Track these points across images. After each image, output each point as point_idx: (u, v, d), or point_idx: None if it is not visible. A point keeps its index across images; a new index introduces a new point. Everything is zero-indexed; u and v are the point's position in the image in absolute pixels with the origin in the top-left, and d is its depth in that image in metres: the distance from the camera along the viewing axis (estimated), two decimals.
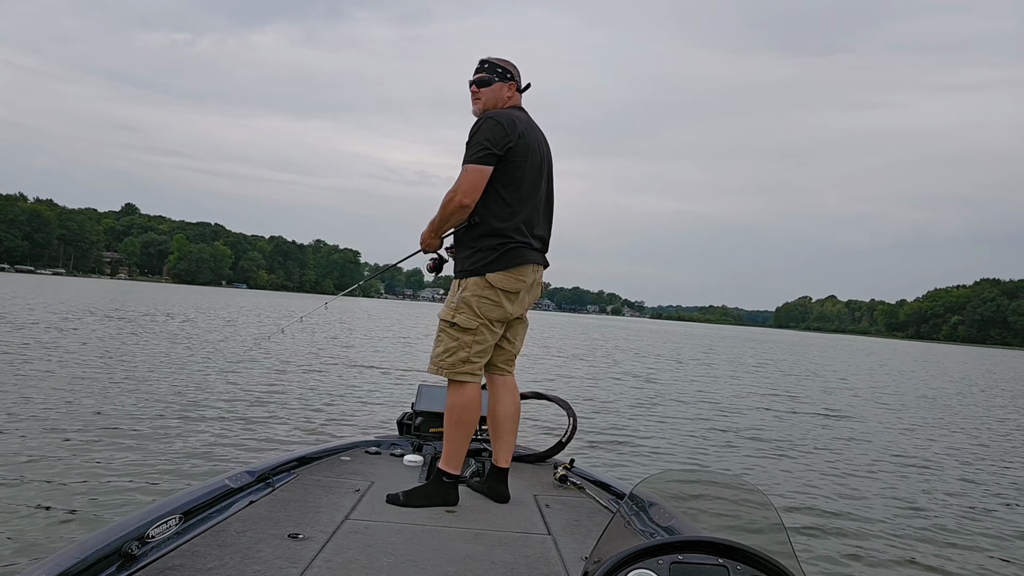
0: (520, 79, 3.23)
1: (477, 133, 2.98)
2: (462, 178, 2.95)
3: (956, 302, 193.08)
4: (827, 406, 13.28)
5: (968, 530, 5.43)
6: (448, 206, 2.98)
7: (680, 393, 13.46)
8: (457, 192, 2.95)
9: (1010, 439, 10.76)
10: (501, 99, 3.16)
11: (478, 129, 2.99)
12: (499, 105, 3.15)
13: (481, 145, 2.94)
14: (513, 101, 3.18)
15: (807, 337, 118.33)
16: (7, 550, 3.53)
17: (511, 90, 3.17)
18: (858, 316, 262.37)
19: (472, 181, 2.94)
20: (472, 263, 3.04)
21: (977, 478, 7.50)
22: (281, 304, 57.75)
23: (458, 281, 3.09)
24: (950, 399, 17.25)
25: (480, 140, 2.95)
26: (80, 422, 6.49)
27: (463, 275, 3.07)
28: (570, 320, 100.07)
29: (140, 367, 10.69)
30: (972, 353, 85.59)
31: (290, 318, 28.11)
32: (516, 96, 3.20)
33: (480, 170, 2.94)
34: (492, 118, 3.00)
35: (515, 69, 3.21)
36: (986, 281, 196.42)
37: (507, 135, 2.97)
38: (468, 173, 2.95)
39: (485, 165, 2.95)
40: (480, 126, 2.99)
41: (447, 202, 2.97)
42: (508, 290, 3.04)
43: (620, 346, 30.95)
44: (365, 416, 8.15)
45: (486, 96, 3.15)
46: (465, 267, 3.07)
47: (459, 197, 2.95)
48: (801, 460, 7.66)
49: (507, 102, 3.16)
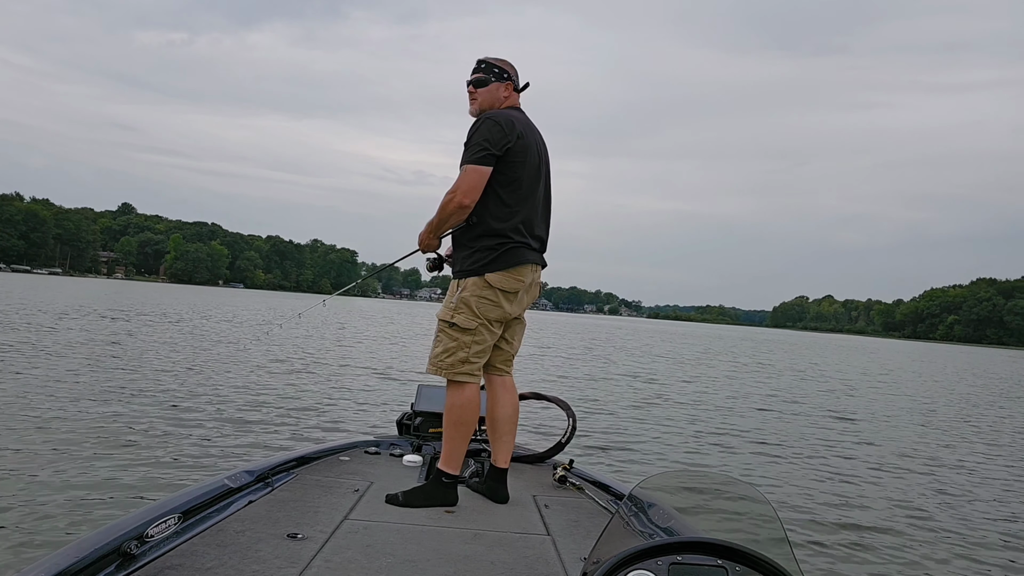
0: (517, 79, 3.21)
1: (476, 134, 2.98)
2: (461, 179, 2.95)
3: (952, 302, 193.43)
4: (827, 407, 13.31)
5: (968, 530, 5.44)
6: (447, 207, 2.98)
7: (680, 394, 13.47)
8: (456, 193, 2.95)
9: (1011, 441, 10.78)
10: (498, 99, 3.15)
11: (476, 130, 2.98)
12: (496, 105, 3.14)
13: (480, 146, 2.94)
14: (510, 101, 3.17)
15: (804, 337, 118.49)
16: (7, 550, 3.53)
17: (508, 90, 3.16)
18: (855, 316, 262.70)
19: (471, 182, 2.94)
20: (471, 263, 3.03)
21: (976, 479, 7.53)
22: (278, 303, 57.68)
23: (457, 281, 3.09)
24: (953, 399, 17.30)
25: (479, 141, 2.95)
26: (79, 421, 6.49)
27: (462, 275, 3.07)
28: (568, 320, 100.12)
29: (139, 366, 10.68)
30: (969, 352, 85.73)
31: (286, 317, 28.12)
32: (513, 96, 3.19)
33: (479, 171, 2.94)
34: (490, 119, 2.99)
35: (512, 69, 3.20)
36: (982, 281, 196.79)
37: (505, 136, 2.97)
38: (467, 174, 2.94)
39: (484, 166, 2.95)
40: (479, 127, 2.99)
41: (446, 203, 2.97)
42: (507, 290, 3.04)
43: (620, 346, 30.96)
44: (364, 416, 8.16)
45: (482, 96, 3.15)
46: (464, 267, 3.06)
47: (458, 198, 2.95)
48: (800, 461, 7.69)
49: (504, 102, 3.15)
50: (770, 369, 23.56)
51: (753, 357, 30.90)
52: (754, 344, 50.92)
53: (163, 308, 31.26)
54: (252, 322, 25.99)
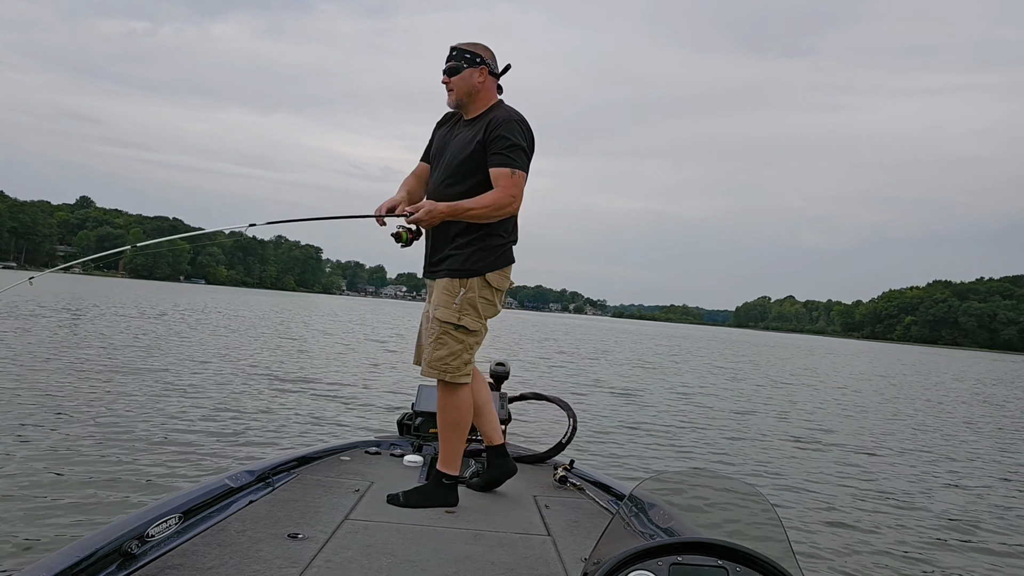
0: (494, 63, 3.09)
1: (516, 137, 2.94)
2: (518, 185, 2.93)
3: (910, 303, 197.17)
4: (827, 408, 13.50)
5: (967, 530, 5.54)
6: (504, 209, 2.93)
7: (679, 395, 13.58)
8: (517, 199, 2.94)
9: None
10: (472, 86, 3.03)
11: (515, 132, 2.95)
12: (473, 93, 3.03)
13: (524, 151, 2.95)
14: (486, 86, 3.06)
15: (768, 337, 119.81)
16: (7, 549, 3.50)
17: (483, 75, 3.03)
18: (815, 316, 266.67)
19: (523, 189, 2.94)
20: (475, 262, 2.96)
21: (977, 477, 7.69)
22: (240, 300, 56.81)
23: (456, 280, 2.97)
24: (931, 399, 17.66)
25: (523, 145, 2.95)
26: (78, 421, 6.40)
27: (463, 274, 2.96)
28: (536, 319, 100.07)
29: (138, 366, 10.52)
30: (927, 353, 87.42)
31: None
32: (489, 80, 3.06)
33: (526, 178, 2.97)
34: (521, 122, 3.00)
35: (486, 52, 3.07)
36: (938, 283, 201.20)
37: (532, 142, 3.01)
38: (521, 181, 2.94)
39: (527, 172, 2.97)
40: (513, 129, 2.95)
41: (503, 205, 2.92)
42: (502, 289, 3.06)
43: (604, 348, 30.69)
44: (365, 416, 8.14)
45: (457, 85, 3.03)
46: (466, 266, 2.96)
47: (518, 204, 2.95)
48: (800, 461, 7.76)
49: (480, 88, 3.04)
50: (763, 371, 23.82)
51: (745, 359, 31.13)
52: (735, 345, 51.16)
53: (141, 305, 30.64)
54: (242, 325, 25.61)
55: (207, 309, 33.04)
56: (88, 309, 24.46)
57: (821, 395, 16.45)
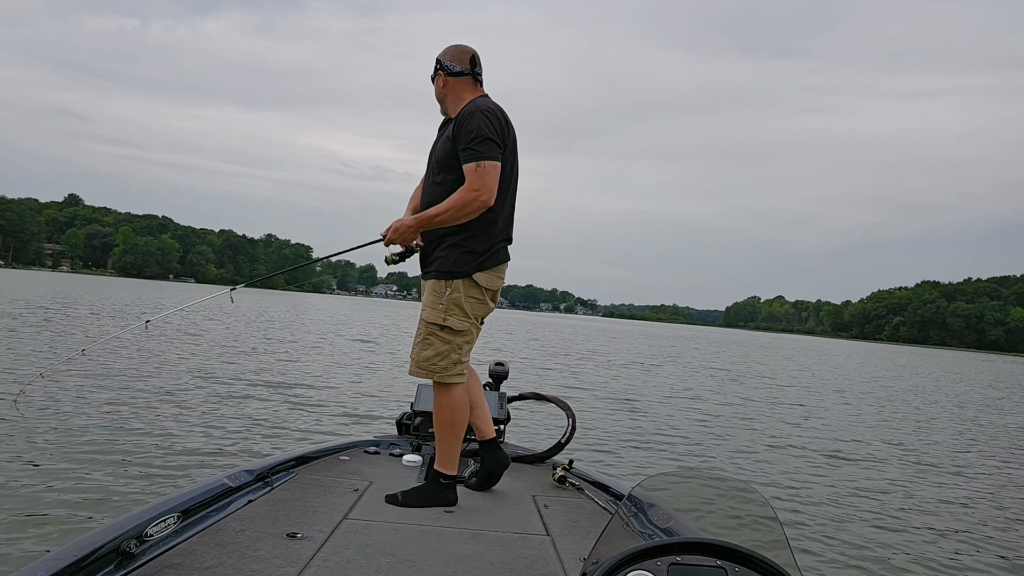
0: (453, 63, 3.05)
1: (479, 128, 2.87)
2: (486, 176, 2.86)
3: (898, 303, 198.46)
4: (827, 408, 13.57)
5: (967, 530, 5.58)
6: (469, 206, 2.88)
7: (678, 395, 13.62)
8: (482, 191, 2.85)
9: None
10: (438, 92, 3.10)
11: (477, 124, 2.88)
12: (441, 98, 3.10)
13: (492, 140, 2.88)
14: (450, 88, 3.06)
15: (760, 337, 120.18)
16: (6, 549, 3.49)
17: (441, 79, 3.06)
18: (805, 316, 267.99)
19: (494, 179, 2.88)
20: (461, 264, 2.98)
21: (974, 477, 7.74)
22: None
23: (443, 282, 2.99)
24: (933, 401, 17.77)
25: (488, 135, 2.87)
26: (77, 421, 6.39)
27: (449, 276, 2.98)
28: (526, 318, 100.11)
29: (137, 366, 10.49)
30: (917, 354, 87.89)
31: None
32: (451, 82, 3.05)
33: (497, 167, 2.89)
34: (483, 112, 2.92)
35: (447, 54, 3.06)
36: (927, 283, 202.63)
37: (503, 129, 2.95)
38: (489, 171, 2.86)
39: (499, 161, 2.91)
40: (477, 120, 2.89)
41: (468, 201, 2.87)
42: (492, 288, 3.07)
43: (601, 349, 30.67)
44: (364, 416, 8.13)
45: (435, 94, 3.12)
46: (452, 268, 2.99)
47: (484, 197, 2.87)
48: (800, 461, 7.80)
49: (445, 92, 3.07)
50: (762, 371, 23.90)
51: (742, 359, 31.21)
52: (729, 346, 51.23)
53: (138, 304, 30.47)
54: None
55: (203, 309, 32.85)
56: (71, 308, 24.28)
57: (817, 395, 16.53)
